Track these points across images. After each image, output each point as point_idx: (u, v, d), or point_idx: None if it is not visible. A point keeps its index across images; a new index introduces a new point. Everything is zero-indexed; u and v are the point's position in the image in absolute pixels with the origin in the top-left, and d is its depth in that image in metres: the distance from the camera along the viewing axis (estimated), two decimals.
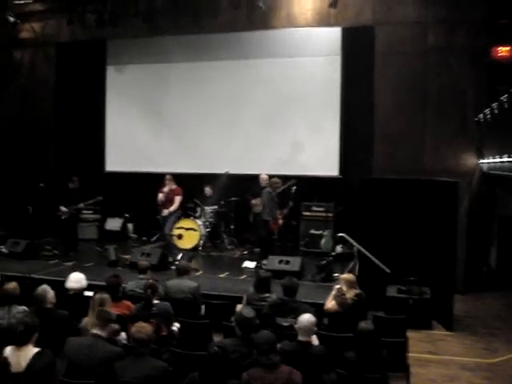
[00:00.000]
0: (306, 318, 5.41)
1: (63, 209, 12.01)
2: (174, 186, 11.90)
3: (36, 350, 4.73)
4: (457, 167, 11.59)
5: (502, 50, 11.25)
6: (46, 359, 4.53)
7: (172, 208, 11.80)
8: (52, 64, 15.04)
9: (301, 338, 5.35)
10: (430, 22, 11.90)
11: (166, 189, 11.82)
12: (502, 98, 8.67)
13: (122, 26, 13.44)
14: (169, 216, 11.90)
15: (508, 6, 10.90)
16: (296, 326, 5.44)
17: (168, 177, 11.96)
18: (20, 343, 4.75)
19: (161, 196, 11.84)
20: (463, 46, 11.60)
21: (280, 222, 11.33)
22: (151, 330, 4.99)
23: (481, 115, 10.69)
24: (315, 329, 5.49)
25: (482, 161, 11.31)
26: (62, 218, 12.04)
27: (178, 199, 11.86)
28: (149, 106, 14.56)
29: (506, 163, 8.56)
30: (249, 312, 5.47)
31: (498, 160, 9.31)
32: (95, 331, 5.22)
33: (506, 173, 8.76)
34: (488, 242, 12.24)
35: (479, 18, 11.41)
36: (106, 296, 5.89)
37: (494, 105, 9.32)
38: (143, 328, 4.94)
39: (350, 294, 6.89)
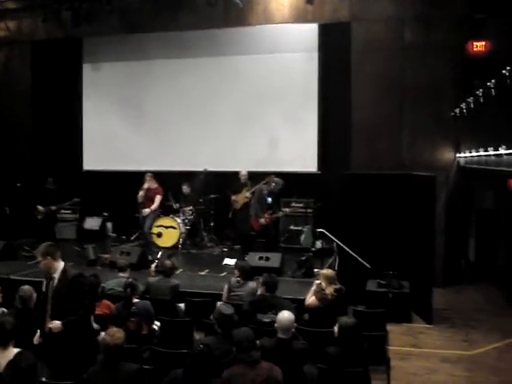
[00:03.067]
0: (286, 316, 5.39)
1: (40, 208, 11.89)
2: (154, 185, 11.85)
3: (16, 350, 4.68)
4: (434, 161, 11.67)
5: (478, 45, 11.35)
6: (28, 360, 4.49)
7: (152, 207, 11.77)
8: (27, 62, 14.84)
9: (281, 335, 5.33)
10: (406, 18, 11.95)
11: (145, 185, 11.77)
12: (477, 93, 8.74)
13: (98, 23, 13.31)
14: (148, 215, 11.87)
15: (483, 1, 10.99)
16: (276, 324, 5.42)
17: (149, 175, 11.91)
18: (0, 344, 4.69)
19: (141, 193, 11.78)
20: (439, 41, 11.66)
21: (262, 221, 11.31)
22: (123, 336, 4.76)
23: (457, 110, 10.78)
24: (295, 325, 5.49)
25: (459, 155, 11.41)
26: (38, 218, 11.92)
27: (158, 198, 11.82)
28: (126, 104, 14.48)
29: (483, 157, 8.64)
30: (227, 308, 5.46)
31: (474, 154, 9.40)
32: None
33: (482, 166, 8.84)
34: (466, 235, 12.36)
35: (455, 13, 11.48)
36: None
37: (471, 99, 9.40)
38: (115, 335, 4.72)
39: (330, 290, 6.90)
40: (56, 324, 5.46)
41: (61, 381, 4.85)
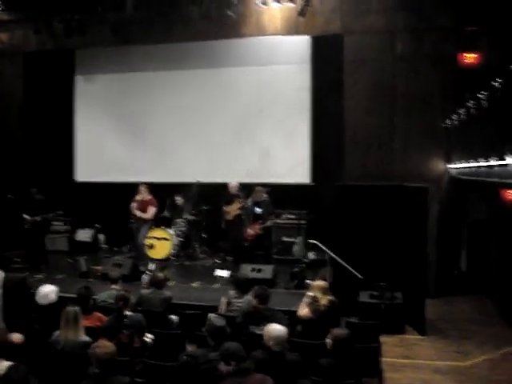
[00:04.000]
0: (278, 329, 5.35)
1: (27, 217, 11.86)
2: (148, 197, 11.79)
3: (7, 363, 4.65)
4: (426, 172, 11.70)
5: (469, 57, 11.41)
6: (21, 373, 4.45)
7: (145, 216, 11.67)
8: (19, 74, 14.82)
9: (274, 348, 5.28)
10: (397, 30, 12.02)
11: (138, 197, 11.71)
12: (468, 104, 8.79)
13: (91, 35, 13.31)
14: (142, 226, 11.81)
15: (474, 13, 11.07)
16: (268, 338, 5.34)
17: (143, 186, 11.85)
18: None
19: (134, 205, 11.72)
20: (431, 53, 11.73)
21: (251, 232, 11.37)
22: (114, 348, 4.78)
23: (449, 121, 10.83)
24: (286, 337, 5.45)
25: (450, 166, 11.45)
26: (26, 227, 11.87)
27: (151, 210, 11.75)
28: (119, 116, 14.47)
29: (474, 168, 8.67)
30: (219, 321, 5.44)
31: (466, 165, 9.43)
32: None
33: (474, 177, 8.87)
34: (458, 246, 12.37)
35: (446, 25, 11.55)
36: (78, 309, 5.84)
37: (462, 111, 9.44)
38: (105, 347, 4.74)
39: (324, 301, 6.91)
40: (17, 337, 5.46)
41: None
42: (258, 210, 11.49)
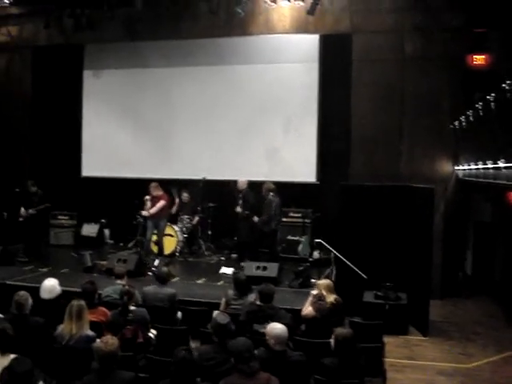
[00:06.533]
0: (278, 328, 5.33)
1: (22, 211, 11.90)
2: (160, 193, 11.66)
3: (12, 356, 4.66)
4: (433, 173, 11.68)
5: (478, 59, 11.38)
6: (26, 366, 4.46)
7: (152, 211, 11.52)
8: (28, 68, 14.86)
9: (276, 347, 5.27)
10: (406, 30, 11.99)
11: (148, 197, 11.58)
12: (477, 106, 8.76)
13: (100, 30, 13.35)
14: (159, 223, 11.66)
15: (484, 14, 11.04)
16: (268, 337, 5.28)
17: (153, 185, 11.67)
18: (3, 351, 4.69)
19: (148, 204, 11.58)
20: (439, 53, 11.70)
21: None
22: (117, 343, 4.75)
23: (456, 122, 10.80)
24: (288, 336, 5.42)
25: (457, 167, 11.42)
26: (20, 220, 11.91)
27: (160, 203, 11.54)
28: (126, 112, 14.49)
29: (481, 170, 8.65)
30: (223, 318, 5.44)
31: (473, 167, 9.41)
32: None
33: (480, 179, 8.85)
34: (464, 248, 12.35)
35: (455, 26, 11.51)
36: (83, 303, 5.84)
37: (470, 112, 9.41)
38: (108, 343, 4.70)
39: (330, 299, 6.92)
40: None
41: None
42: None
